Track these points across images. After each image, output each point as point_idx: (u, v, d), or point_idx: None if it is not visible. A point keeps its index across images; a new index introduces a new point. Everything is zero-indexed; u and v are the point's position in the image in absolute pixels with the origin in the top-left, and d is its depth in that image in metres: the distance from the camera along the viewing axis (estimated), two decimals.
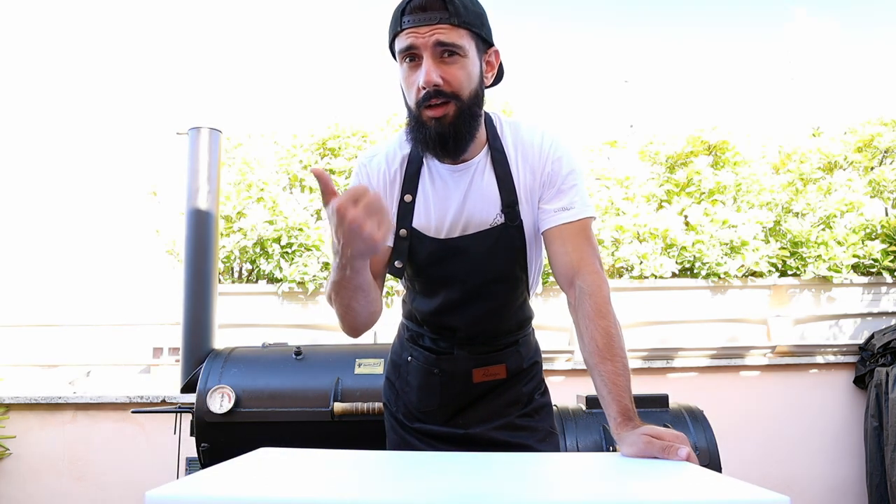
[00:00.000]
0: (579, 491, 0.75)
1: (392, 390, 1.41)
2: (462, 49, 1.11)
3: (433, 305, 1.29)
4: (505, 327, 1.33)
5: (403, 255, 1.25)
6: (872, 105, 5.09)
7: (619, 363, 1.06)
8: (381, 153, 1.29)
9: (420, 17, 1.09)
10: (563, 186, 1.22)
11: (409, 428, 1.35)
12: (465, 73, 1.13)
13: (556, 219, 1.20)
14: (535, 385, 1.38)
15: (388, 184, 1.26)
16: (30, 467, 3.26)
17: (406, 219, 1.25)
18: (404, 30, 1.10)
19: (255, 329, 3.84)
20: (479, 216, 1.23)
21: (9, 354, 4.33)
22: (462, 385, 1.32)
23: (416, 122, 1.15)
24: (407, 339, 1.39)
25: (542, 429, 1.34)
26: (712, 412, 2.27)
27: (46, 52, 9.78)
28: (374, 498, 0.69)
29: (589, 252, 1.19)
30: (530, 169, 1.23)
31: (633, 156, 4.61)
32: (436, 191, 1.24)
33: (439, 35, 1.09)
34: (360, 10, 15.25)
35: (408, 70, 1.13)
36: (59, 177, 7.45)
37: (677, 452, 0.87)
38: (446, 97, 1.11)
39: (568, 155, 1.24)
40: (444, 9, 1.10)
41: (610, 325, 1.10)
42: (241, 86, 9.87)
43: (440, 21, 1.09)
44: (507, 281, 1.28)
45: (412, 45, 1.10)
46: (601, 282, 1.15)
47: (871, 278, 4.05)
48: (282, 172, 4.36)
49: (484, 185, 1.23)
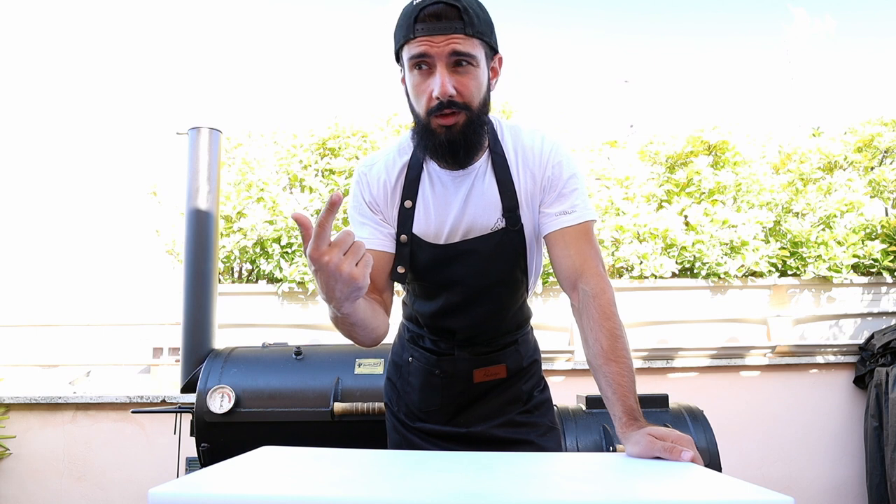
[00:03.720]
0: (581, 491, 0.75)
1: (394, 390, 1.42)
2: (475, 59, 1.11)
3: (433, 308, 1.30)
4: (504, 328, 1.34)
5: (405, 261, 1.25)
6: (872, 105, 5.10)
7: (624, 364, 1.06)
8: (380, 161, 1.28)
9: (435, 25, 1.08)
10: (563, 190, 1.22)
11: (411, 427, 1.36)
12: (476, 83, 1.12)
13: (559, 222, 1.21)
14: (534, 383, 1.39)
15: (388, 191, 1.25)
16: (30, 467, 3.26)
17: (406, 224, 1.24)
18: (417, 38, 1.09)
19: (255, 329, 3.84)
20: (479, 221, 1.23)
21: (9, 354, 4.33)
22: (463, 385, 1.33)
23: (425, 130, 1.14)
24: (408, 340, 1.40)
25: (543, 424, 1.35)
26: (712, 412, 2.27)
27: (47, 52, 9.76)
28: (376, 496, 0.68)
29: (592, 255, 1.19)
30: (530, 173, 1.24)
31: (633, 156, 4.61)
32: (436, 196, 1.24)
33: (455, 45, 1.08)
34: (360, 11, 15.24)
35: (418, 77, 1.12)
36: (60, 177, 7.44)
37: (681, 454, 0.87)
38: (458, 107, 1.11)
39: (568, 159, 1.24)
40: (460, 18, 1.08)
41: (615, 326, 1.10)
42: (241, 86, 9.85)
43: (455, 31, 1.08)
44: (507, 284, 1.29)
45: (426, 53, 1.08)
46: (605, 284, 1.15)
47: (871, 278, 4.05)
48: (282, 172, 4.36)
49: (485, 189, 1.23)
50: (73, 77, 9.91)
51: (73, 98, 9.35)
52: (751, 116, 6.10)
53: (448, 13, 1.08)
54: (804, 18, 7.80)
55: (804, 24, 7.86)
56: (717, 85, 11.93)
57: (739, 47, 14.41)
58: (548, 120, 5.23)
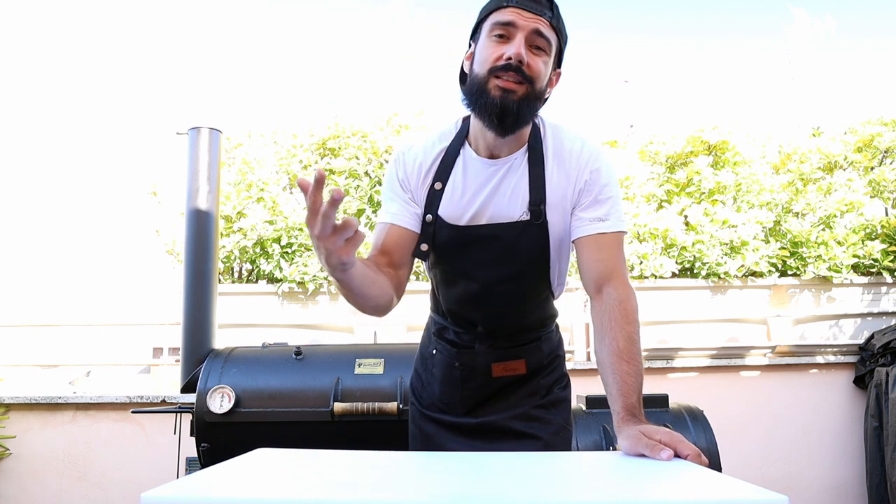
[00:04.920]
0: (579, 491, 0.75)
1: (419, 381, 1.46)
2: (550, 47, 1.18)
3: (454, 296, 1.33)
4: (526, 324, 1.36)
5: (429, 240, 1.29)
6: (872, 105, 5.10)
7: (635, 366, 1.09)
8: (419, 144, 1.33)
9: (529, 3, 1.16)
10: (599, 197, 1.25)
11: (429, 417, 1.40)
12: (544, 68, 1.19)
13: (593, 228, 1.23)
14: (555, 378, 1.40)
15: (422, 173, 1.29)
16: (30, 467, 3.26)
17: (434, 205, 1.28)
18: (510, 6, 1.16)
19: (255, 329, 3.84)
20: (504, 210, 1.25)
21: (9, 354, 4.33)
22: (482, 379, 1.35)
23: (480, 89, 1.18)
24: (434, 333, 1.43)
25: (557, 422, 1.36)
26: (712, 412, 2.27)
27: (47, 53, 9.77)
28: (371, 498, 0.69)
29: (621, 263, 1.23)
30: (565, 174, 1.26)
31: (633, 156, 4.61)
32: (467, 181, 1.27)
33: (541, 25, 1.16)
34: (360, 11, 15.25)
35: (494, 43, 1.17)
36: (60, 177, 7.45)
37: (660, 453, 0.89)
38: (523, 77, 1.16)
39: (607, 167, 1.27)
40: (550, 8, 1.18)
41: (634, 332, 1.14)
42: (241, 86, 9.87)
43: (543, 15, 1.17)
44: (527, 280, 1.30)
45: (514, 22, 1.15)
46: (631, 292, 1.20)
47: (871, 278, 4.05)
48: (282, 172, 4.36)
49: (516, 181, 1.25)
50: (74, 77, 9.92)
51: (74, 98, 9.36)
52: (751, 116, 6.10)
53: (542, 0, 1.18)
54: (804, 18, 7.81)
55: (804, 24, 7.86)
56: (717, 85, 11.94)
57: (739, 47, 14.41)
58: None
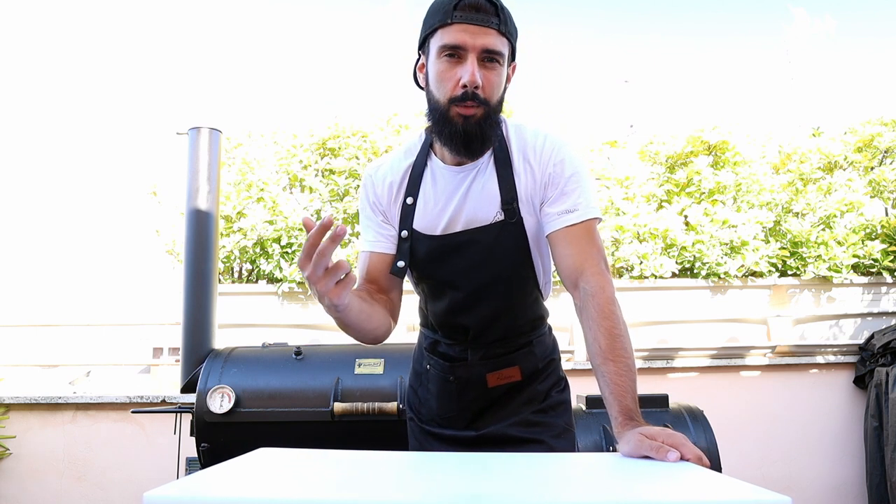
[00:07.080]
0: (578, 491, 0.75)
1: (416, 397, 1.44)
2: (502, 57, 1.15)
3: (442, 308, 1.31)
4: (518, 328, 1.34)
5: (406, 256, 1.27)
6: (872, 105, 5.10)
7: (622, 364, 1.05)
8: (386, 164, 1.32)
9: (473, 16, 1.11)
10: (565, 189, 1.22)
11: (429, 433, 1.38)
12: (499, 81, 1.16)
13: (560, 222, 1.20)
14: (552, 382, 1.38)
15: (393, 192, 1.29)
16: (30, 467, 3.26)
17: (407, 220, 1.27)
18: (454, 24, 1.12)
19: (255, 329, 3.84)
20: (479, 214, 1.24)
21: (9, 354, 4.33)
22: (478, 390, 1.33)
23: (442, 117, 1.17)
24: (425, 349, 1.41)
25: (558, 425, 1.34)
26: (712, 412, 2.27)
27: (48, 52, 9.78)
28: (373, 498, 0.69)
29: (593, 253, 1.18)
30: (531, 171, 1.24)
31: (633, 156, 4.61)
32: (437, 191, 1.26)
33: (489, 39, 1.12)
34: (360, 11, 15.26)
35: (446, 64, 1.14)
36: (60, 177, 7.46)
37: (667, 454, 0.86)
38: (479, 101, 1.14)
39: (570, 157, 1.24)
40: (496, 15, 1.13)
41: (613, 325, 1.09)
42: (241, 86, 9.87)
43: (490, 25, 1.12)
44: (512, 281, 1.29)
45: (462, 45, 1.12)
46: (605, 283, 1.14)
47: (871, 278, 4.05)
48: (282, 172, 4.36)
49: (485, 183, 1.24)
50: (74, 77, 9.92)
51: (74, 98, 9.36)
52: (751, 116, 6.10)
53: (486, 7, 1.12)
54: (804, 18, 7.81)
55: (804, 24, 7.86)
56: (717, 85, 11.94)
57: (739, 47, 14.41)
58: (548, 120, 5.23)
